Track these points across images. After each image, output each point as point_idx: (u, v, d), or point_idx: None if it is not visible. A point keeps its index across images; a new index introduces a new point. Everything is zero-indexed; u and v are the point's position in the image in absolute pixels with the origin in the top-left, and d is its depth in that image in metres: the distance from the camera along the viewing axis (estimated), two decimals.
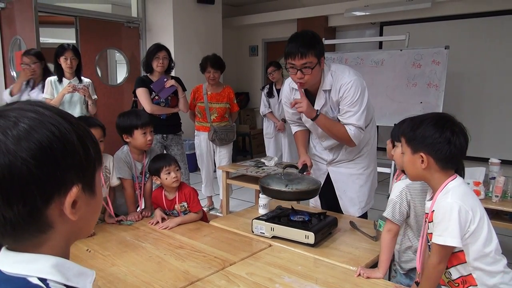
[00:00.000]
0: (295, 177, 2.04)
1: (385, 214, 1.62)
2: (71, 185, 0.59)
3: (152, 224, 2.13)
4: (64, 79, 3.55)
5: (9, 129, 0.55)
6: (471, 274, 1.33)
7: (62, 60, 3.49)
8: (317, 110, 2.14)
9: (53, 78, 3.57)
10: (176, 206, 2.25)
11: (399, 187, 1.62)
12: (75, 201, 0.59)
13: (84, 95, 3.51)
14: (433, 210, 1.35)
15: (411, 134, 1.39)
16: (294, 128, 2.47)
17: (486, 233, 1.30)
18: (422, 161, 1.35)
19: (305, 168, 2.15)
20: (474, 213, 1.30)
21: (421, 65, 4.59)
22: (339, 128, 2.14)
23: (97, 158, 0.64)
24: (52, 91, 3.55)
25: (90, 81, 3.75)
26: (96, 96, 3.75)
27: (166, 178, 2.20)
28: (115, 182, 2.29)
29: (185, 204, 2.25)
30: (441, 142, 1.31)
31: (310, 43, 1.99)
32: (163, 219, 2.15)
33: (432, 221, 1.35)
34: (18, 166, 0.54)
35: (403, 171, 1.65)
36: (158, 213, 2.20)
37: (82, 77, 3.67)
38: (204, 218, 2.30)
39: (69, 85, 3.42)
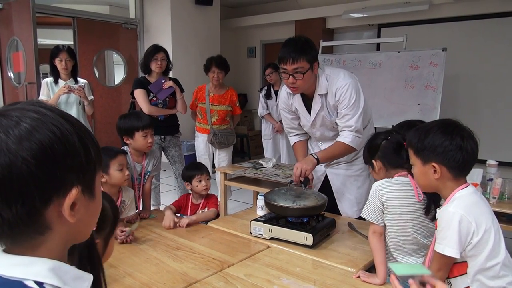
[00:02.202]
0: (301, 192, 2.02)
1: (362, 214, 1.64)
2: (71, 186, 0.58)
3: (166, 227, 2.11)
4: (59, 80, 3.54)
5: (11, 128, 0.55)
6: (469, 287, 1.30)
7: (57, 61, 3.48)
8: (315, 156, 2.14)
9: (49, 79, 3.55)
10: (198, 211, 2.37)
11: (373, 187, 1.63)
12: (74, 203, 0.59)
13: (80, 96, 3.50)
14: (438, 218, 1.33)
15: (420, 145, 1.33)
16: (293, 139, 2.47)
17: (492, 246, 1.25)
18: (435, 171, 1.30)
19: (307, 181, 2.13)
20: (478, 225, 1.25)
21: (418, 67, 4.60)
22: (339, 147, 2.15)
23: (97, 161, 0.64)
24: (49, 93, 3.53)
25: (86, 81, 3.73)
26: (92, 97, 3.74)
27: (197, 186, 2.36)
28: None
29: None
30: (452, 150, 1.27)
31: (302, 49, 1.99)
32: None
33: (437, 229, 1.33)
34: (18, 165, 0.53)
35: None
36: (169, 216, 2.15)
37: (78, 78, 3.66)
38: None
39: (64, 86, 3.40)
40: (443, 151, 1.28)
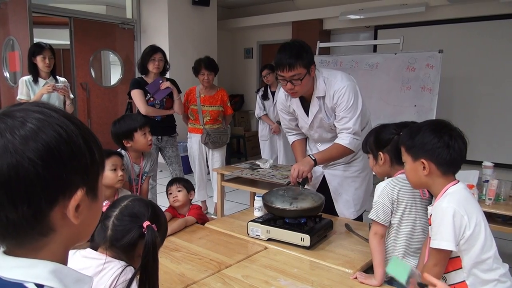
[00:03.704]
0: (298, 193, 2.02)
1: (369, 215, 1.63)
2: (76, 188, 0.58)
3: None
4: (39, 79, 3.43)
5: (16, 129, 0.54)
6: (464, 281, 1.33)
7: (39, 59, 3.37)
8: (313, 157, 2.15)
9: (27, 78, 3.43)
10: None
11: (380, 188, 1.63)
12: (78, 204, 0.59)
13: (64, 95, 3.43)
14: (431, 214, 1.36)
15: (410, 142, 1.39)
16: (291, 138, 2.47)
17: (483, 240, 1.30)
18: (424, 167, 1.36)
19: (305, 181, 2.14)
20: (469, 219, 1.29)
21: (415, 69, 4.62)
22: (337, 149, 2.16)
23: (101, 163, 0.64)
24: (28, 92, 3.41)
25: (66, 80, 3.64)
26: (72, 95, 3.65)
27: (169, 199, 2.22)
28: None
29: None
30: (440, 147, 1.33)
31: (298, 54, 1.98)
32: None
33: (431, 225, 1.36)
34: (25, 166, 0.53)
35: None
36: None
37: (57, 77, 3.57)
38: (205, 218, 2.29)
39: (49, 85, 3.30)
40: (432, 148, 1.34)
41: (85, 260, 1.15)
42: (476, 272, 1.32)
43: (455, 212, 1.28)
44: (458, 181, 1.38)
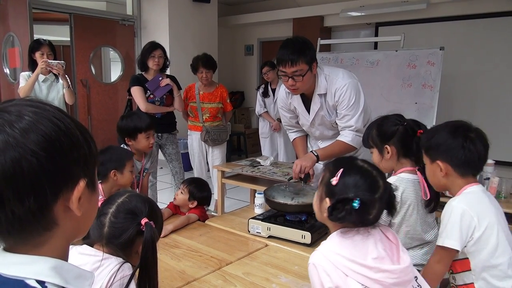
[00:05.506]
0: (300, 189, 2.02)
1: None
2: (78, 179, 0.58)
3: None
4: (39, 75, 3.41)
5: (14, 122, 0.54)
6: (473, 283, 1.31)
7: (38, 55, 3.38)
8: (315, 153, 2.14)
9: (28, 73, 3.45)
10: None
11: None
12: (80, 196, 0.59)
13: (58, 74, 3.39)
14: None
15: (427, 144, 1.40)
16: (292, 135, 2.46)
17: (495, 243, 1.27)
18: (441, 169, 1.35)
19: (307, 177, 2.13)
20: (480, 220, 1.27)
21: (416, 66, 4.61)
22: (339, 145, 2.16)
23: (96, 154, 0.64)
24: None
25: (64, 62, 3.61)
26: (72, 90, 3.62)
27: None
28: None
29: None
30: (455, 148, 1.32)
31: (300, 50, 1.97)
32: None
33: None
34: (28, 159, 0.53)
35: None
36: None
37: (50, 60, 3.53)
38: (207, 217, 2.28)
39: (43, 61, 3.28)
40: (446, 149, 1.34)
41: (81, 256, 1.14)
42: (486, 276, 1.29)
43: (464, 212, 1.27)
44: (477, 184, 1.37)
